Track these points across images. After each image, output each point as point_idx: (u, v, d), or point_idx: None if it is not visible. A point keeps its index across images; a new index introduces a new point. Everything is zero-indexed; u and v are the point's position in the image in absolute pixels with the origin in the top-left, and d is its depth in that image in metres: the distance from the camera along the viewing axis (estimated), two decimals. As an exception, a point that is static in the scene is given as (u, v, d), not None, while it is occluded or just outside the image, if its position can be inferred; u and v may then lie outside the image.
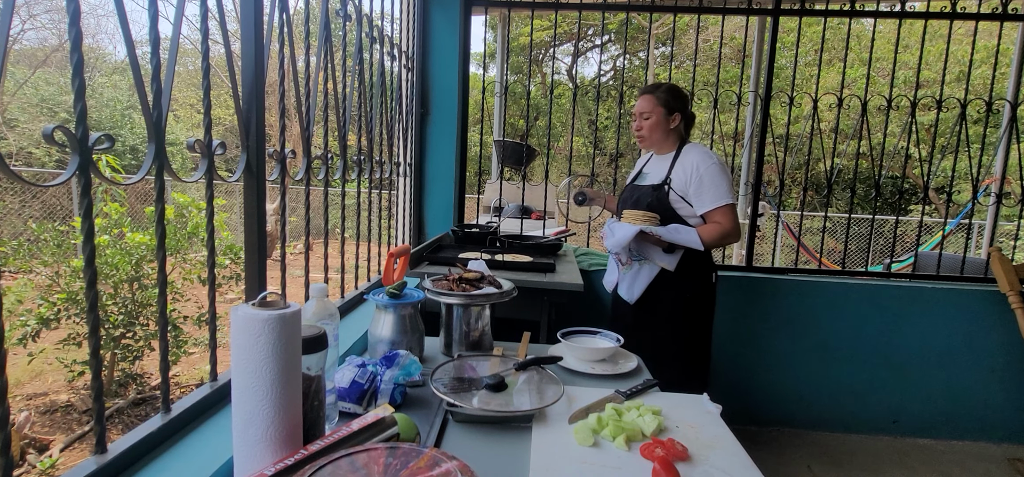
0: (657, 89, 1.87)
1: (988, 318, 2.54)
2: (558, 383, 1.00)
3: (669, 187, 1.81)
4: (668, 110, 1.85)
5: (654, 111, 1.85)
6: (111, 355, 3.14)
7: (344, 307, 1.49)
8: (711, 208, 1.74)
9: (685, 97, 1.89)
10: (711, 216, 1.76)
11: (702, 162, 1.76)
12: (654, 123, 1.86)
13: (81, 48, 0.64)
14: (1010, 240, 7.99)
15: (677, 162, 1.83)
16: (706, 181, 1.75)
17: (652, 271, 1.81)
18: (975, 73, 7.82)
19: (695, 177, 1.76)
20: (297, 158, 1.21)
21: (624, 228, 1.74)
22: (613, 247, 1.77)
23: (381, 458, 0.60)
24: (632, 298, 1.84)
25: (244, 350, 0.63)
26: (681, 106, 1.86)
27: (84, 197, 0.66)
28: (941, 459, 2.46)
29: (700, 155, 1.78)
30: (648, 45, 3.43)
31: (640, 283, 1.83)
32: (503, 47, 4.53)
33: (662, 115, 1.85)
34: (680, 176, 1.80)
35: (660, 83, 1.90)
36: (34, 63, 10.80)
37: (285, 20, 1.09)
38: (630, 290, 1.84)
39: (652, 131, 1.87)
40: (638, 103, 1.91)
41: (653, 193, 1.83)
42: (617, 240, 1.74)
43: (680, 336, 1.84)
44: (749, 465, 0.82)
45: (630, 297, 1.84)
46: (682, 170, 1.80)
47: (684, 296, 1.83)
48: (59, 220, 5.85)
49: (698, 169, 1.76)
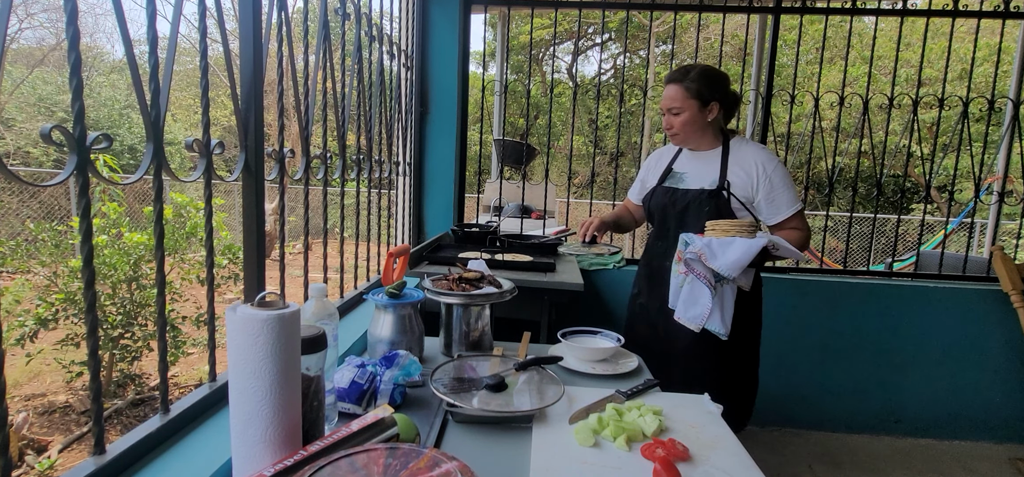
0: (686, 76, 1.54)
1: (990, 317, 2.54)
2: (558, 383, 1.00)
3: (728, 192, 1.54)
4: (702, 101, 1.54)
5: (686, 105, 1.54)
6: (109, 356, 3.14)
7: (343, 307, 1.48)
8: (789, 215, 1.53)
9: (722, 79, 1.56)
10: (788, 224, 1.54)
11: (768, 163, 1.52)
12: (687, 119, 1.55)
13: (79, 47, 0.64)
14: (1012, 239, 7.99)
15: (731, 161, 1.55)
16: (778, 185, 1.51)
17: (734, 292, 1.44)
18: (977, 71, 7.82)
19: (764, 181, 1.51)
20: (296, 157, 1.21)
21: (739, 243, 1.35)
22: (728, 269, 1.34)
23: (381, 459, 0.60)
24: (727, 330, 1.42)
25: (243, 351, 0.63)
26: (719, 93, 1.55)
27: (82, 197, 0.66)
28: (943, 459, 2.46)
29: (763, 155, 1.54)
30: (649, 43, 3.42)
31: (729, 308, 1.43)
32: (503, 45, 4.53)
33: (696, 110, 1.54)
34: (741, 179, 1.53)
35: (690, 67, 1.56)
36: (32, 62, 10.79)
37: (284, 19, 1.08)
38: (723, 320, 1.42)
39: (686, 129, 1.56)
40: (665, 94, 1.58)
41: (710, 200, 1.54)
42: (733, 261, 1.33)
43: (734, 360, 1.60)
44: (750, 465, 0.81)
45: (725, 329, 1.42)
46: (743, 172, 1.53)
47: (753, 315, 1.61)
48: (57, 220, 5.84)
49: (765, 171, 1.51)
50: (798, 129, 7.41)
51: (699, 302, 1.42)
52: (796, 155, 4.49)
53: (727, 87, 1.57)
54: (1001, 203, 2.72)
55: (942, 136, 6.42)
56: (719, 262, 1.35)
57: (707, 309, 1.40)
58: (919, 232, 2.90)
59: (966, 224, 5.91)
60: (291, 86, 1.16)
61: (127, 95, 11.05)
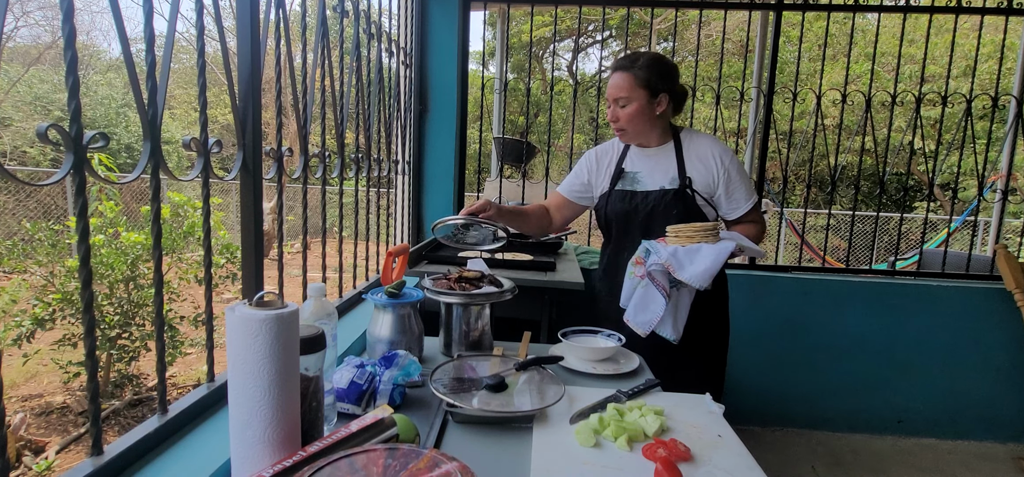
0: (635, 63, 1.44)
1: (994, 316, 2.53)
2: (559, 383, 0.99)
3: (692, 190, 1.47)
4: (651, 92, 1.43)
5: (634, 95, 1.43)
6: (107, 356, 3.13)
7: (342, 307, 1.48)
8: (748, 208, 1.49)
9: (673, 70, 1.47)
10: (747, 217, 1.50)
11: (725, 154, 1.46)
12: (635, 111, 1.44)
13: (75, 45, 0.64)
14: (1016, 237, 7.98)
15: (686, 156, 1.48)
16: (735, 177, 1.46)
17: (691, 295, 1.39)
18: (981, 68, 7.80)
19: (723, 174, 1.45)
20: (294, 156, 1.20)
21: (706, 250, 1.29)
22: (699, 280, 1.27)
23: (380, 459, 0.60)
24: (679, 335, 1.38)
25: (241, 351, 0.62)
26: (668, 85, 1.45)
27: (79, 196, 0.66)
28: (946, 459, 2.45)
29: (718, 146, 1.47)
30: (650, 40, 3.42)
31: (682, 313, 1.39)
32: (503, 43, 4.52)
33: (645, 101, 1.43)
34: (700, 173, 1.47)
35: (638, 54, 1.46)
36: (28, 61, 10.79)
37: (282, 16, 1.07)
38: (676, 326, 1.38)
39: (633, 122, 1.45)
40: (611, 82, 1.46)
41: (677, 201, 1.46)
42: (704, 271, 1.27)
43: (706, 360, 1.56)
44: (752, 465, 0.81)
45: (676, 335, 1.38)
46: (702, 165, 1.47)
47: (719, 314, 1.57)
48: (54, 219, 5.84)
49: (723, 163, 1.45)
50: (800, 127, 7.41)
51: (650, 308, 1.37)
52: (798, 153, 4.48)
53: (677, 79, 1.49)
54: (1005, 201, 2.71)
55: (946, 133, 6.41)
56: (688, 273, 1.28)
57: (658, 317, 1.36)
58: (922, 230, 2.89)
59: (970, 222, 5.90)
60: (289, 84, 1.16)
61: (124, 93, 11.05)
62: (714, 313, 1.55)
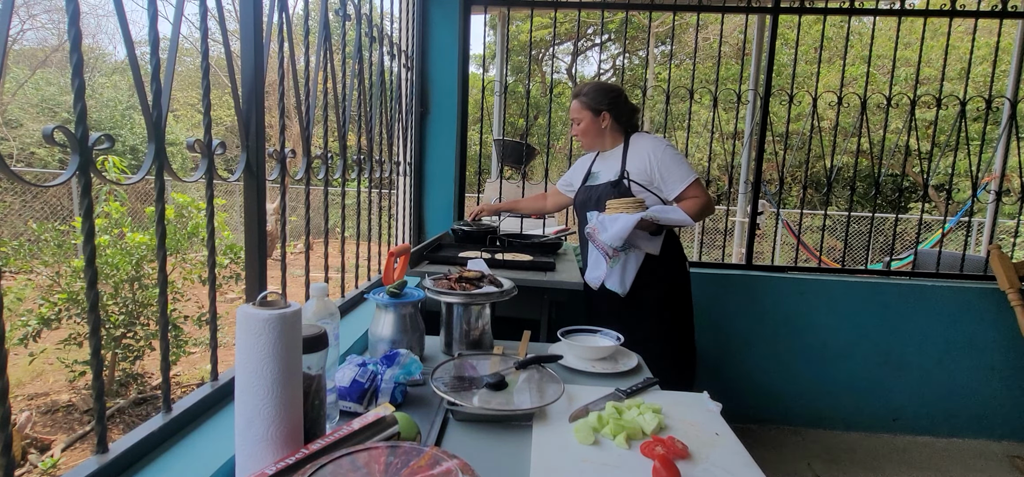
0: (580, 93, 1.88)
1: (988, 315, 2.54)
2: (558, 382, 1.00)
3: (628, 180, 1.82)
4: (594, 112, 1.86)
5: (582, 115, 1.87)
6: (112, 355, 3.14)
7: (344, 306, 1.49)
8: (683, 187, 1.78)
9: (612, 92, 1.87)
10: (685, 195, 1.78)
11: (655, 148, 1.79)
12: (585, 127, 1.88)
13: (81, 48, 0.64)
14: (1010, 237, 7.98)
15: (629, 154, 1.84)
16: (668, 164, 1.78)
17: (639, 259, 1.81)
18: (975, 70, 7.81)
19: (656, 164, 1.78)
20: (297, 158, 1.21)
21: (622, 218, 1.68)
22: (611, 240, 1.69)
23: (382, 457, 0.60)
24: (625, 289, 1.82)
25: (245, 350, 0.63)
26: (608, 104, 1.85)
27: (84, 197, 0.66)
28: (941, 457, 2.46)
29: (650, 143, 1.81)
30: (648, 43, 3.43)
31: (630, 273, 1.81)
32: (503, 46, 4.53)
33: (590, 118, 1.87)
34: (637, 166, 1.81)
35: (583, 86, 1.89)
36: (34, 63, 10.79)
37: (284, 20, 1.08)
38: (622, 282, 1.82)
39: (585, 135, 1.90)
40: (570, 108, 1.93)
41: (613, 190, 1.82)
42: (615, 233, 1.67)
43: (666, 325, 1.86)
44: (749, 463, 0.82)
45: (623, 289, 1.82)
46: (638, 160, 1.81)
47: (668, 282, 1.85)
48: (60, 220, 5.85)
49: (653, 156, 1.78)
50: (797, 129, 7.41)
51: (599, 266, 1.85)
52: (795, 154, 4.46)
53: (616, 97, 1.87)
54: (998, 202, 2.72)
55: (940, 135, 6.42)
56: (606, 235, 1.70)
57: (603, 272, 1.83)
58: (917, 231, 2.90)
59: (964, 223, 5.91)
60: (292, 87, 1.17)
61: (129, 96, 11.04)
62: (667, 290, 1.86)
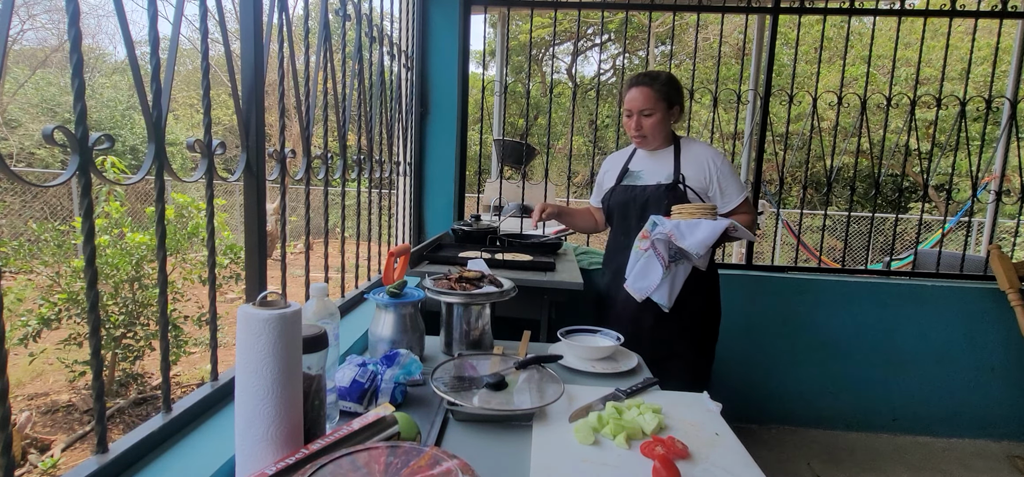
0: (655, 81, 1.67)
1: (988, 315, 2.54)
2: (558, 382, 1.00)
3: (685, 185, 1.69)
4: (669, 104, 1.69)
5: (656, 108, 1.67)
6: (112, 355, 3.14)
7: (344, 306, 1.49)
8: (738, 202, 1.70)
9: (680, 85, 1.74)
10: (739, 210, 1.70)
11: (714, 158, 1.69)
12: (657, 121, 1.68)
13: (81, 48, 0.64)
14: (1010, 237, 7.98)
15: (683, 158, 1.71)
16: (726, 176, 1.68)
17: (686, 272, 1.64)
18: (975, 71, 7.81)
19: (714, 174, 1.68)
20: (297, 158, 1.21)
21: (704, 224, 1.52)
22: (696, 247, 1.51)
23: (382, 457, 0.60)
24: (671, 303, 1.63)
25: (245, 349, 0.63)
26: (680, 98, 1.73)
27: (84, 197, 0.66)
28: (941, 457, 2.46)
29: (709, 151, 1.71)
30: (648, 43, 3.44)
31: (677, 285, 1.64)
32: (503, 46, 4.53)
33: (664, 112, 1.69)
34: (694, 172, 1.69)
35: (657, 73, 1.70)
36: (34, 63, 10.79)
37: (284, 20, 1.09)
38: (671, 294, 1.63)
39: (654, 129, 1.70)
40: (633, 97, 1.69)
41: (669, 192, 1.69)
42: (700, 240, 1.50)
43: (697, 340, 1.75)
44: (749, 463, 0.82)
45: (669, 302, 1.62)
46: (696, 167, 1.69)
47: (710, 298, 1.75)
48: (60, 220, 5.85)
49: (712, 165, 1.68)
50: (797, 129, 7.41)
51: (649, 276, 1.63)
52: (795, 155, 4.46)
53: (683, 93, 1.77)
54: (998, 202, 2.72)
55: (940, 135, 6.42)
56: (688, 242, 1.52)
57: (655, 284, 1.61)
58: (917, 231, 2.90)
59: (964, 223, 5.91)
60: (292, 87, 1.17)
61: (129, 96, 11.04)
62: (706, 301, 1.75)
